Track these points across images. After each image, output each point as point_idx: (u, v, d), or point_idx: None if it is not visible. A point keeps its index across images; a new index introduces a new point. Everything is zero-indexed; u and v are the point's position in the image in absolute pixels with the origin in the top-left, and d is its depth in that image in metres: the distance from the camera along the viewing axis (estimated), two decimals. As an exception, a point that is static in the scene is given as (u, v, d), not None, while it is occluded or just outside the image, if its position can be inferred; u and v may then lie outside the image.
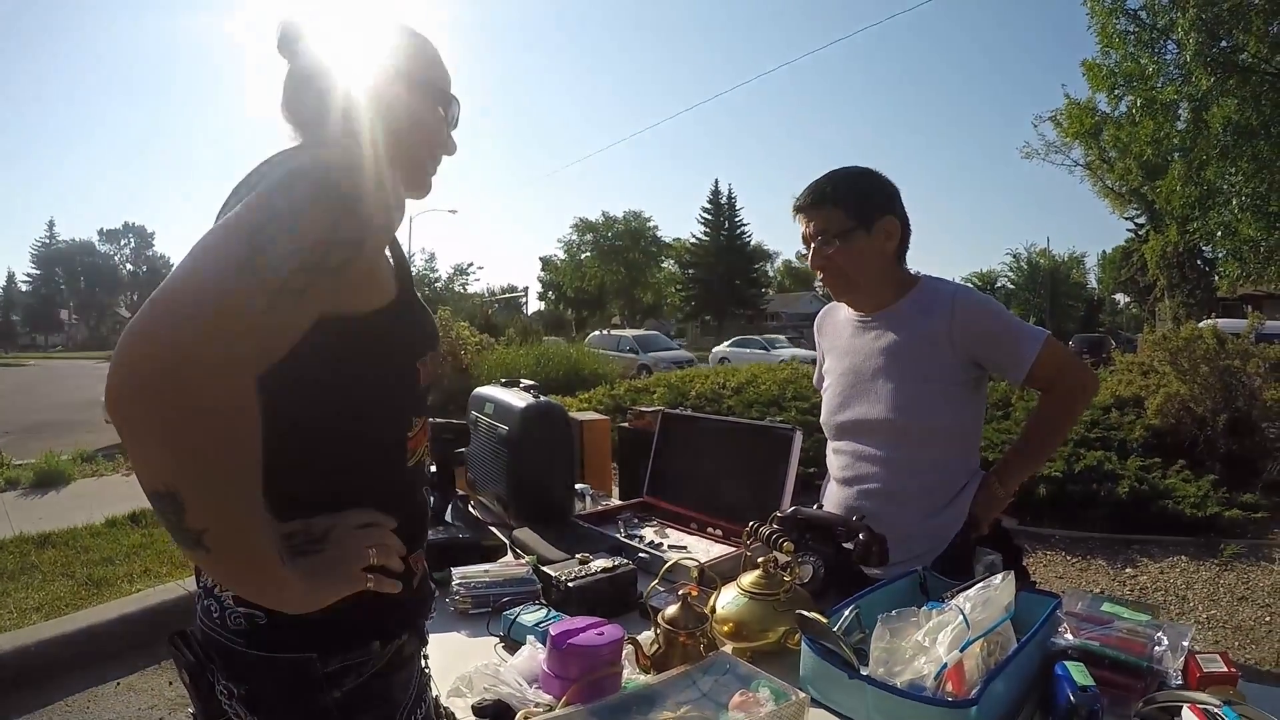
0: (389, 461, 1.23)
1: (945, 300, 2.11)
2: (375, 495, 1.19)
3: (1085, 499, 6.43)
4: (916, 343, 2.11)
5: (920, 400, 2.09)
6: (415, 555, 1.26)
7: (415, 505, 1.29)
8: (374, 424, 1.20)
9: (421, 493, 1.33)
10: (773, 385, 9.27)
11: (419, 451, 1.29)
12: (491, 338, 18.62)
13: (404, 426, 1.24)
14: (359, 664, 1.18)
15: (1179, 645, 1.41)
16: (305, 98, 1.24)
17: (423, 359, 1.25)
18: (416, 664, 1.34)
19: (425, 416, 1.31)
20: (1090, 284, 64.11)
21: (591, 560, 1.97)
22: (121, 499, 7.33)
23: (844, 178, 2.19)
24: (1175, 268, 32.25)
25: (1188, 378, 7.41)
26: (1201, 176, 16.38)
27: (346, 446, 1.17)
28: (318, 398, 1.13)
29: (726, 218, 64.12)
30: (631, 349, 28.29)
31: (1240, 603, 5.10)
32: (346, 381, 1.15)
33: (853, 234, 2.13)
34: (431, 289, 43.20)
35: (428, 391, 1.31)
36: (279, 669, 1.14)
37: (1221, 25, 15.14)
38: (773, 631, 1.58)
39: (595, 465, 3.31)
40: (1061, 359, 2.14)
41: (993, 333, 2.09)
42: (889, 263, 2.19)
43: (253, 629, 1.14)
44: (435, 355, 1.30)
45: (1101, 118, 22.67)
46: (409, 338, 1.22)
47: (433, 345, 1.29)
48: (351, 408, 1.16)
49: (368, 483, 1.20)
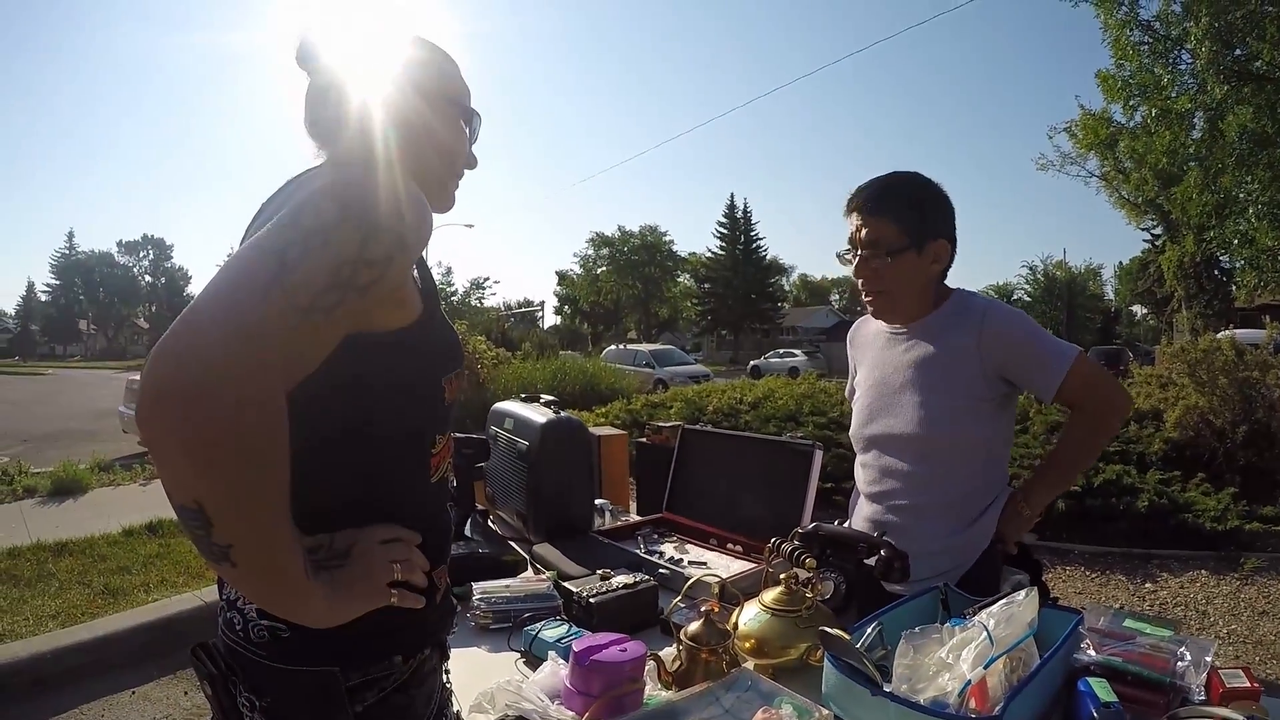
0: (413, 478, 1.25)
1: (976, 315, 2.08)
2: (399, 511, 1.20)
3: (1104, 513, 6.40)
4: (945, 356, 2.09)
5: (947, 415, 2.07)
6: (439, 570, 1.28)
7: (438, 521, 1.31)
8: (398, 440, 1.21)
9: (445, 509, 1.35)
10: (790, 400, 9.27)
11: (442, 468, 1.31)
12: (508, 352, 18.66)
13: (428, 443, 1.25)
14: (381, 678, 1.19)
15: (1202, 661, 1.41)
16: (325, 113, 1.24)
17: (448, 376, 1.26)
18: (438, 679, 1.35)
19: (449, 433, 1.32)
20: (1107, 295, 63.94)
21: (613, 576, 1.97)
22: (139, 509, 7.39)
23: (907, 187, 2.14)
24: (1192, 278, 32.11)
25: (1206, 390, 7.37)
26: (1218, 185, 16.33)
27: (371, 462, 1.18)
28: (344, 413, 1.14)
29: (742, 232, 64.18)
30: (647, 363, 28.31)
31: (1261, 617, 5.06)
32: (372, 398, 1.15)
33: (903, 253, 2.09)
34: (448, 303, 43.21)
35: (452, 409, 1.31)
36: (302, 682, 1.14)
37: (1235, 34, 15.11)
38: (795, 648, 1.58)
39: (613, 480, 3.31)
40: (1093, 377, 2.10)
41: (1022, 349, 2.06)
42: (931, 282, 2.16)
43: (275, 642, 1.14)
44: (460, 373, 1.31)
45: (1117, 128, 22.63)
46: (434, 355, 1.23)
47: (457, 363, 1.30)
48: (377, 424, 1.17)
49: (391, 498, 1.21)
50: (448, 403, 1.28)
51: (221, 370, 0.85)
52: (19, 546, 6.23)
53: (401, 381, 1.18)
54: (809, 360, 36.96)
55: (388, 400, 1.17)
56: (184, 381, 0.84)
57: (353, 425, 1.16)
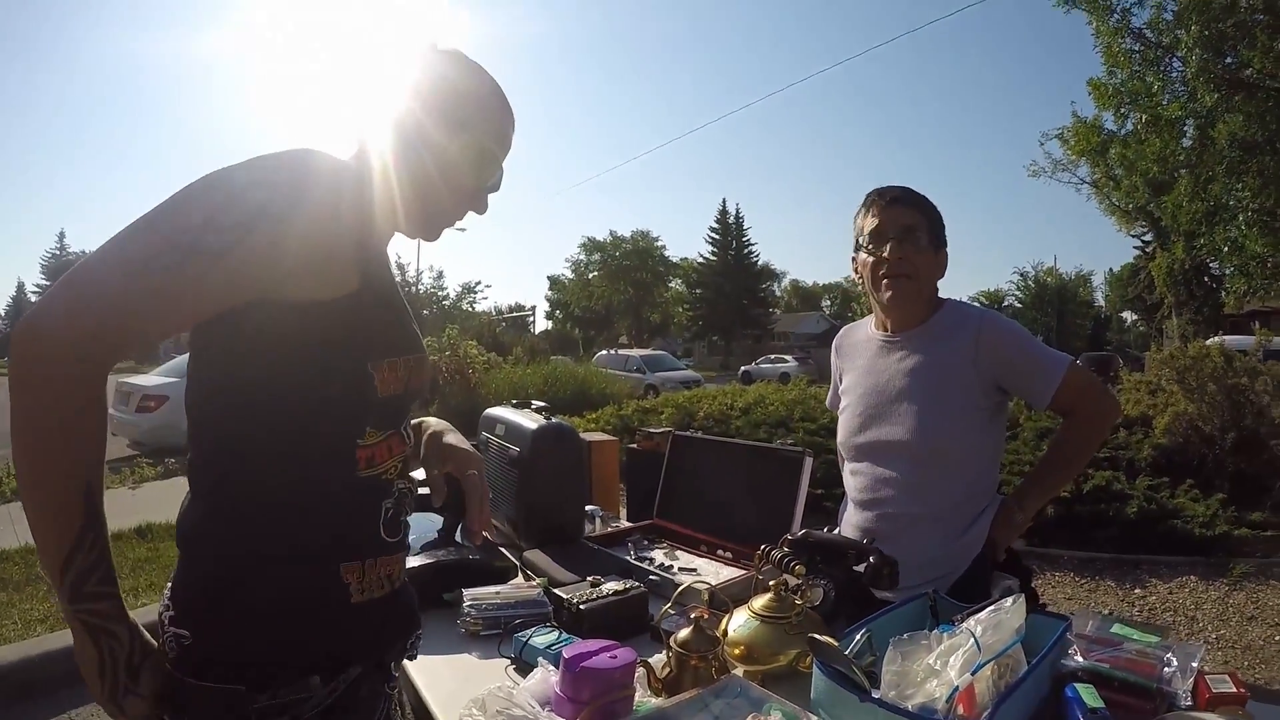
0: (332, 466, 1.22)
1: (971, 323, 2.12)
2: (305, 499, 1.19)
3: (1094, 519, 6.44)
4: (941, 365, 2.12)
5: (943, 423, 2.09)
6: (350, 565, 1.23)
7: (362, 519, 1.26)
8: (305, 419, 1.19)
9: (378, 508, 1.29)
10: (780, 406, 9.30)
11: (384, 465, 1.28)
12: (499, 356, 18.65)
13: (353, 433, 1.23)
14: (295, 702, 1.15)
15: (1188, 666, 1.42)
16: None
17: (379, 363, 1.23)
18: (382, 705, 1.34)
19: (394, 431, 1.31)
20: (1098, 302, 64.03)
21: (603, 582, 1.98)
22: (127, 512, 7.36)
23: (923, 196, 2.22)
24: (1182, 284, 32.21)
25: (1195, 396, 7.41)
26: (1208, 192, 16.42)
27: (275, 438, 1.17)
28: (255, 384, 1.16)
29: (734, 237, 64.24)
30: (639, 369, 28.32)
31: (1250, 622, 5.10)
32: (278, 366, 1.15)
33: (928, 249, 2.17)
34: (440, 307, 43.20)
35: (397, 403, 1.30)
36: (213, 701, 1.12)
37: (1225, 42, 15.22)
38: (784, 655, 1.58)
39: (603, 486, 3.31)
40: (1085, 385, 2.15)
41: (1018, 357, 2.11)
42: (935, 289, 2.24)
43: (181, 651, 1.13)
44: (401, 364, 1.28)
45: (1108, 135, 22.71)
46: (361, 336, 1.22)
47: (397, 352, 1.28)
48: (280, 395, 1.17)
49: (306, 481, 1.19)
50: (383, 393, 1.24)
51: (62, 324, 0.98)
52: (7, 550, 6.22)
53: (312, 355, 1.17)
54: (800, 366, 36.98)
55: (295, 372, 1.16)
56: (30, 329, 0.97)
57: (257, 395, 1.16)
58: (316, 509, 1.20)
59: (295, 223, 1.10)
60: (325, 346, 1.17)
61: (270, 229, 1.08)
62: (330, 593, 1.20)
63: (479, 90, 1.31)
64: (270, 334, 1.13)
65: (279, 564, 1.17)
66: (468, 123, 1.29)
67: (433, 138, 1.26)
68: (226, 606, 1.14)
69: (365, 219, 1.25)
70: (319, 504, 1.20)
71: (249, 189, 1.09)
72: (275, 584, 1.16)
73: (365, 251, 1.26)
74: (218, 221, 1.05)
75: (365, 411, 1.23)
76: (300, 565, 1.18)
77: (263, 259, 1.08)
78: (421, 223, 1.33)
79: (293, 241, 1.10)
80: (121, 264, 1.02)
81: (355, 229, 1.22)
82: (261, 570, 1.16)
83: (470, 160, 1.30)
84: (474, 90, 1.31)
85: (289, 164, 1.14)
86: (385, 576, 1.29)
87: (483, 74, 1.32)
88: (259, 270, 1.09)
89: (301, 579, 1.18)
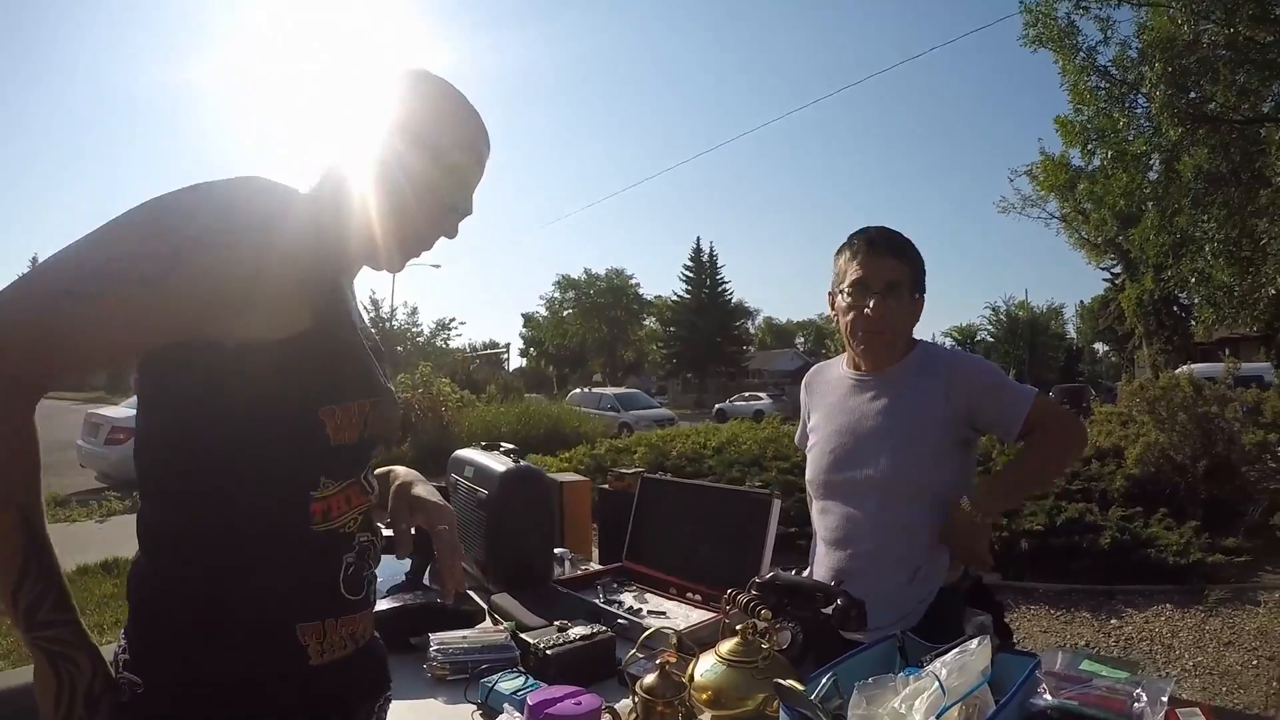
0: (284, 520, 1.15)
1: (943, 362, 2.17)
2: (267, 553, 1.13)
3: (1068, 551, 6.51)
4: (913, 404, 2.14)
5: (915, 461, 2.11)
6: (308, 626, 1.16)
7: (320, 575, 1.19)
8: (258, 472, 1.12)
9: (338, 561, 1.21)
10: (754, 445, 9.31)
11: (342, 518, 1.20)
12: (473, 394, 18.60)
13: (306, 484, 1.15)
14: None
15: (1158, 700, 1.42)
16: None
17: (329, 407, 1.14)
18: None
19: (353, 481, 1.23)
20: (1069, 334, 64.72)
21: (570, 627, 1.97)
22: (94, 546, 7.24)
23: (903, 237, 2.22)
24: (1152, 315, 32.70)
25: (1166, 426, 7.51)
26: (1175, 224, 16.68)
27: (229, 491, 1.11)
28: (197, 433, 1.10)
29: (708, 275, 64.45)
30: (613, 407, 28.30)
31: (1227, 648, 5.14)
32: (224, 417, 1.09)
33: (913, 297, 2.19)
34: (414, 343, 43.13)
35: (354, 452, 1.21)
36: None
37: (1189, 77, 15.51)
38: (751, 699, 1.57)
39: (575, 527, 3.30)
40: (1052, 409, 2.19)
41: (988, 391, 2.13)
42: (910, 332, 2.25)
43: (134, 697, 1.08)
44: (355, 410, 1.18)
45: (1075, 171, 23.17)
46: (307, 380, 1.13)
47: (347, 396, 1.18)
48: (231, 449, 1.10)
49: (257, 537, 1.13)
50: (336, 441, 1.15)
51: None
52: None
53: (256, 401, 1.09)
54: (774, 403, 37.08)
55: (238, 419, 1.09)
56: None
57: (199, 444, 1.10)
58: (269, 566, 1.12)
59: (233, 254, 1.05)
60: (269, 391, 1.10)
61: (204, 260, 1.03)
62: (287, 655, 1.14)
63: (450, 108, 1.27)
64: (212, 378, 1.08)
65: (231, 625, 1.10)
66: (441, 141, 1.24)
67: (406, 158, 1.21)
68: (178, 667, 1.09)
69: (322, 252, 1.18)
70: (272, 561, 1.13)
71: (184, 217, 1.04)
72: (228, 646, 1.10)
73: (320, 287, 1.18)
74: (149, 249, 1.01)
75: (317, 461, 1.16)
76: (254, 626, 1.12)
77: (196, 291, 1.03)
78: (394, 249, 1.26)
79: (230, 274, 1.05)
80: (47, 288, 0.99)
81: (308, 263, 1.14)
82: (213, 632, 1.10)
83: (445, 180, 1.25)
84: (445, 108, 1.27)
85: (230, 193, 1.09)
86: (348, 635, 1.22)
87: (453, 91, 1.28)
88: (192, 304, 1.04)
89: (256, 641, 1.12)
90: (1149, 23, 16.11)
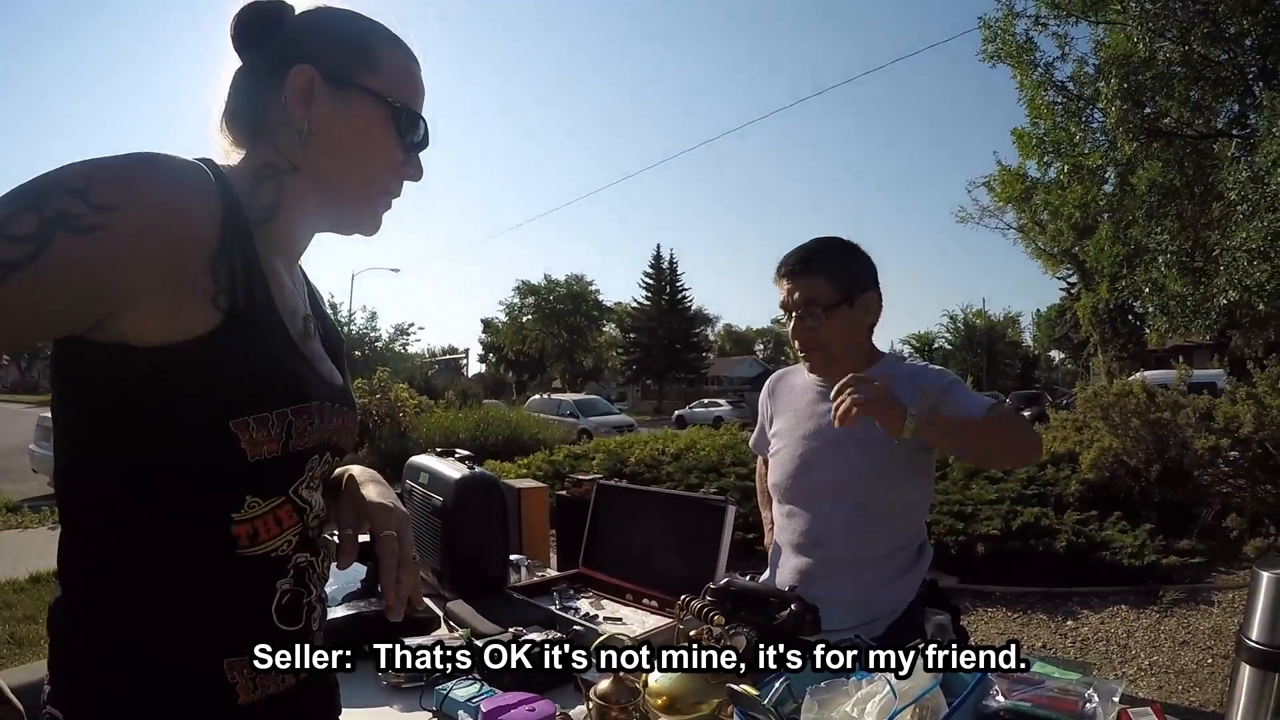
0: (204, 545, 1.02)
1: (907, 372, 2.20)
2: (187, 582, 1.02)
3: (1024, 555, 6.61)
4: None
5: (882, 467, 2.13)
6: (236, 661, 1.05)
7: (248, 603, 1.08)
8: (171, 493, 1.00)
9: (271, 588, 1.09)
10: (712, 451, 9.33)
11: (273, 541, 1.08)
12: (431, 400, 18.51)
13: (226, 505, 1.03)
14: None
15: (1109, 701, 1.44)
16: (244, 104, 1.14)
17: (241, 420, 1.00)
18: None
19: (283, 498, 1.09)
20: (1026, 342, 65.56)
21: (525, 634, 1.96)
22: (48, 554, 7.02)
23: (830, 249, 2.23)
24: (1107, 323, 33.31)
25: (1120, 431, 7.64)
26: (1129, 236, 16.93)
27: (142, 515, 1.00)
28: (103, 452, 0.99)
29: (668, 282, 64.50)
30: (572, 413, 28.31)
31: (1182, 647, 5.24)
32: (129, 434, 0.98)
33: (837, 308, 2.17)
34: (372, 349, 42.87)
35: (279, 466, 1.07)
36: None
37: (1144, 93, 15.76)
38: (706, 704, 1.57)
39: (533, 533, 3.29)
40: (1008, 410, 2.25)
41: (951, 399, 2.14)
42: (864, 334, 2.27)
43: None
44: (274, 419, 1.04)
45: (1032, 183, 23.56)
46: (215, 388, 0.99)
47: (266, 405, 1.03)
48: (140, 469, 0.99)
49: (175, 565, 1.01)
50: (254, 456, 1.02)
51: None
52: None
53: (160, 414, 0.98)
54: (734, 410, 37.26)
55: (143, 435, 0.98)
56: None
57: (106, 465, 0.99)
58: (189, 598, 1.02)
59: (111, 237, 0.90)
60: (173, 402, 0.98)
61: (75, 246, 0.88)
62: (211, 694, 1.03)
63: (373, 31, 1.15)
64: (112, 389, 0.96)
65: (150, 663, 1.00)
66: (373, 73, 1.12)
67: (342, 104, 1.10)
68: (96, 708, 1.00)
69: (241, 231, 1.03)
70: (192, 591, 1.02)
71: (55, 195, 0.89)
72: (147, 686, 1.00)
73: (235, 274, 1.02)
74: (10, 229, 0.87)
75: (237, 480, 1.02)
76: (175, 664, 1.01)
77: (66, 280, 0.89)
78: (357, 208, 1.18)
79: (108, 260, 0.91)
80: None
81: (217, 246, 0.99)
82: (131, 670, 1.00)
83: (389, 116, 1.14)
84: (368, 33, 1.15)
85: (114, 168, 0.93)
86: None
87: (363, 17, 1.15)
88: (64, 296, 0.90)
89: (177, 680, 1.01)
90: (1106, 39, 16.38)
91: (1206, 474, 7.33)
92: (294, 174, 1.12)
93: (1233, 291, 13.92)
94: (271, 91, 1.10)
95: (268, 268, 1.08)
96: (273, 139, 1.11)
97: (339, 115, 1.11)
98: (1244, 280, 13.43)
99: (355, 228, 1.20)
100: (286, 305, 1.12)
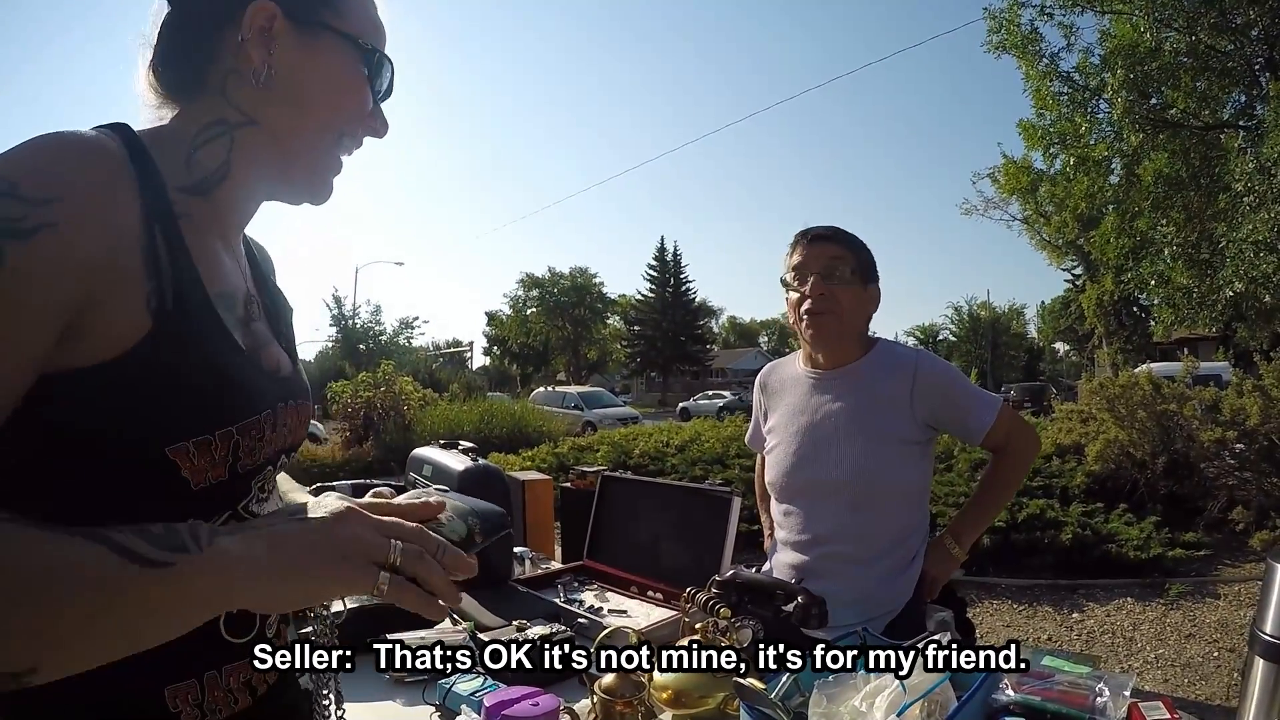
0: None
1: (908, 363, 2.16)
2: None
3: (1030, 547, 6.58)
4: (877, 403, 2.15)
5: (881, 461, 2.12)
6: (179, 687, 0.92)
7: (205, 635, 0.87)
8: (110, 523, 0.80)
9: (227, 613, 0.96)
10: (716, 443, 9.31)
11: None
12: (435, 393, 18.52)
13: None
14: None
15: (1120, 695, 1.43)
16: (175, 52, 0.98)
17: (178, 446, 0.86)
18: None
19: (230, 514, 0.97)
20: (1030, 334, 65.42)
21: (529, 627, 1.95)
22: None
23: (851, 234, 2.24)
24: (1112, 315, 33.32)
25: (1125, 423, 7.61)
26: (1134, 228, 16.95)
27: None
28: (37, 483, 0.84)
29: (672, 274, 64.51)
30: (576, 405, 28.35)
31: (1188, 640, 5.21)
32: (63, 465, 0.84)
33: (854, 283, 2.18)
34: (377, 342, 42.81)
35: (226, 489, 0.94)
36: None
37: (1150, 83, 15.76)
38: (711, 698, 1.56)
39: (538, 526, 3.28)
40: (1014, 423, 2.23)
41: (954, 397, 2.16)
42: (866, 323, 2.26)
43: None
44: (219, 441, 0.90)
45: (1037, 175, 23.61)
46: (146, 412, 0.85)
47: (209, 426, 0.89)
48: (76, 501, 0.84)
49: None
50: (198, 484, 0.89)
51: None
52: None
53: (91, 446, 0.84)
54: (738, 401, 37.19)
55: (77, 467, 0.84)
56: None
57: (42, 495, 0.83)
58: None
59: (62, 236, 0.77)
60: (102, 432, 0.84)
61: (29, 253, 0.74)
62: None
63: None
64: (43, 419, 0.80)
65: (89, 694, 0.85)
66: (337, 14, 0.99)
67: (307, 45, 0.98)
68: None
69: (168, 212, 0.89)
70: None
71: None
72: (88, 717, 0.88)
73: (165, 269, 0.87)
74: None
75: (180, 507, 0.83)
76: (113, 694, 0.88)
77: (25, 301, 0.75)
78: (311, 168, 1.03)
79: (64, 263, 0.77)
80: None
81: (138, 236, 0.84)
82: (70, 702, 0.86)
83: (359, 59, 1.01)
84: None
85: (30, 159, 0.79)
86: (240, 686, 0.98)
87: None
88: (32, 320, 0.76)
89: (116, 711, 0.89)
90: (1112, 30, 16.35)
91: (1212, 466, 7.32)
92: (249, 128, 0.97)
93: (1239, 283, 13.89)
94: (221, 33, 0.95)
95: (200, 251, 0.93)
96: (220, 88, 0.96)
97: (305, 58, 0.97)
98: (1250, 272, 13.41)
99: (307, 193, 1.06)
100: (224, 293, 0.97)
